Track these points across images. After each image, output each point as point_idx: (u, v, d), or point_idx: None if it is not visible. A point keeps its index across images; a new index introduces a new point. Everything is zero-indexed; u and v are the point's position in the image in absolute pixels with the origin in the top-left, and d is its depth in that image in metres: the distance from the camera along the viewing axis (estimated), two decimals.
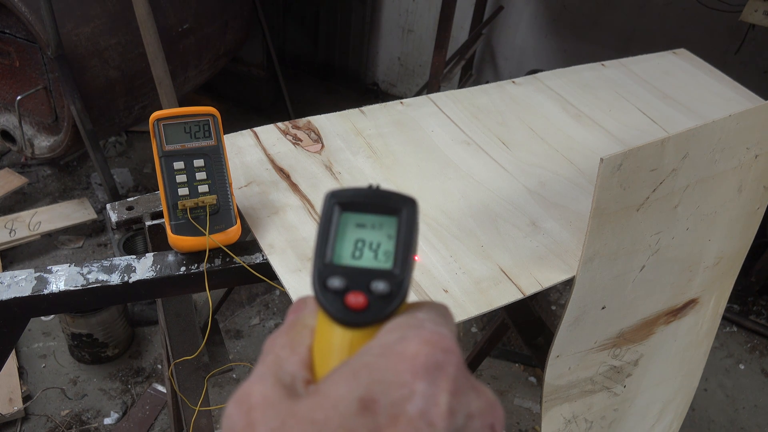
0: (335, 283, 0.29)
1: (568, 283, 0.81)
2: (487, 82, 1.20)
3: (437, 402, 0.24)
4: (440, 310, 0.30)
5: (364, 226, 0.31)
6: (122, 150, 3.06)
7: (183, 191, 0.76)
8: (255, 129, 1.00)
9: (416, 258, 0.30)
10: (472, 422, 0.25)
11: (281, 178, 0.92)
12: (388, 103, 1.10)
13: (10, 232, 2.40)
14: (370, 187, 0.31)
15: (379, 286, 0.29)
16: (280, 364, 0.28)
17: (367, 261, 0.30)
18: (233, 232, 0.79)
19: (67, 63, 1.98)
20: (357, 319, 0.28)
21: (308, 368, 0.28)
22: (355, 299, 0.28)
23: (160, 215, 0.88)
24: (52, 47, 1.90)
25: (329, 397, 0.24)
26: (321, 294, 0.29)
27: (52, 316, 2.20)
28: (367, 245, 0.30)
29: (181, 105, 2.00)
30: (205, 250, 0.79)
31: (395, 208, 0.30)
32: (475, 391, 0.26)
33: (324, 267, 0.30)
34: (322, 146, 0.99)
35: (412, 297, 0.44)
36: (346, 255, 0.30)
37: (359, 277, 0.29)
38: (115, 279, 0.79)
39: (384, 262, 0.30)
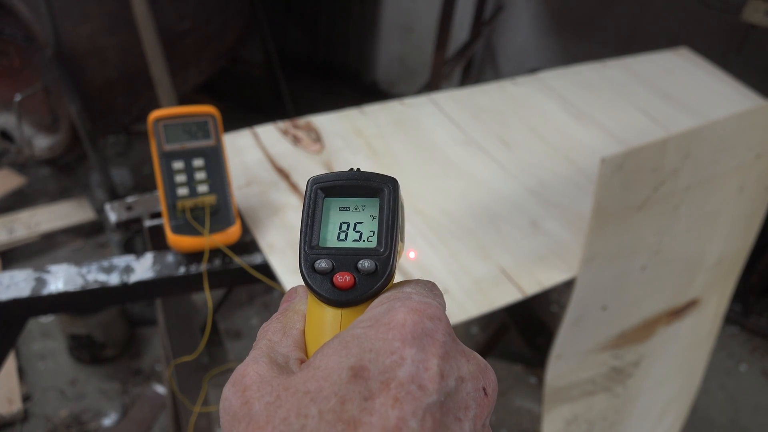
0: (322, 265, 0.30)
1: (569, 284, 0.81)
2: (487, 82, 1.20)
3: (427, 366, 0.25)
4: (427, 285, 0.30)
5: (347, 209, 0.32)
6: (121, 150, 3.05)
7: (182, 191, 0.76)
8: (255, 129, 1.00)
9: (414, 255, 0.31)
10: (464, 385, 0.26)
11: (281, 178, 0.91)
12: (388, 103, 1.10)
13: (9, 233, 2.40)
14: (351, 171, 0.32)
15: (365, 264, 0.30)
16: (273, 347, 0.29)
17: (352, 242, 0.31)
18: (233, 232, 0.79)
19: (66, 63, 1.97)
20: (345, 297, 0.29)
21: (301, 349, 0.29)
22: (343, 279, 0.29)
23: (159, 215, 0.87)
24: (51, 47, 1.89)
25: (321, 369, 0.25)
26: (309, 277, 0.30)
27: (51, 316, 2.19)
28: (351, 227, 0.31)
29: (180, 105, 1.99)
30: (205, 251, 0.79)
31: (376, 189, 0.31)
32: (465, 356, 0.27)
33: (310, 250, 0.31)
34: (322, 146, 0.98)
35: None
36: (331, 238, 0.31)
37: (345, 258, 0.30)
38: (114, 279, 0.78)
39: (368, 242, 0.31)
